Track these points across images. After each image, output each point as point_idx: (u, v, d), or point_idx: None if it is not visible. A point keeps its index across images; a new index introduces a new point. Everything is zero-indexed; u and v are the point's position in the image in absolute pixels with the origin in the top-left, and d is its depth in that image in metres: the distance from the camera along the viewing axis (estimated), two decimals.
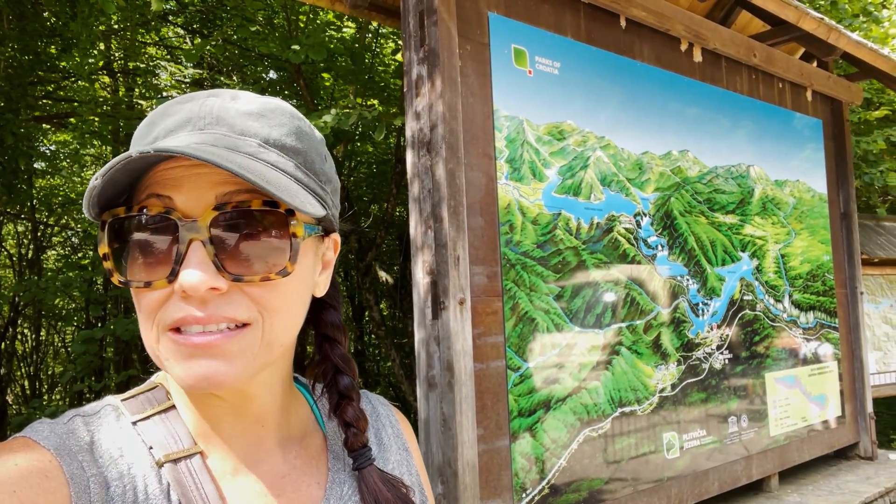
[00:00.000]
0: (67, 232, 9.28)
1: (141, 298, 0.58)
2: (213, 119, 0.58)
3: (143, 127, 0.61)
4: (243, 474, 0.65)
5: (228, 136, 0.58)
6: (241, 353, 0.58)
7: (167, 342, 0.57)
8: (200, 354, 0.56)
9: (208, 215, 0.56)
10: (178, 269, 0.55)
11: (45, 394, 9.79)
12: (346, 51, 5.87)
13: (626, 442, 3.21)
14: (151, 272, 0.56)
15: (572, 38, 3.21)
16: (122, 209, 0.57)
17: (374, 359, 9.89)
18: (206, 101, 0.60)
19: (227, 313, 0.57)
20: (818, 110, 4.83)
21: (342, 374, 0.74)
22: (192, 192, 0.57)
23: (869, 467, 4.63)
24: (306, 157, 0.63)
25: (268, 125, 0.60)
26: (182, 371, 0.57)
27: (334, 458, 0.73)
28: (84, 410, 0.64)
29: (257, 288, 0.58)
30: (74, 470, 0.56)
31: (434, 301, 2.58)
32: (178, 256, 0.55)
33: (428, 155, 2.64)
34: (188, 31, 7.23)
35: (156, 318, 0.57)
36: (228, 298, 0.57)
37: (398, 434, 0.81)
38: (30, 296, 5.80)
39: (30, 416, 5.20)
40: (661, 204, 3.58)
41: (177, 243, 0.56)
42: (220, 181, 0.57)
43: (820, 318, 4.60)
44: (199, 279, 0.54)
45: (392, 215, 6.79)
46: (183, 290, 0.55)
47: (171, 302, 0.56)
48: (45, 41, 6.13)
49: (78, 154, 8.12)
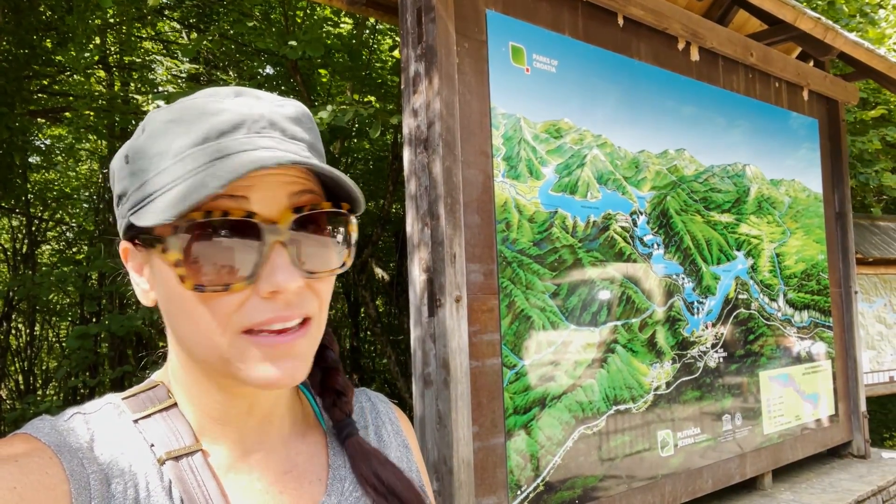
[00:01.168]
0: (62, 227, 9.25)
1: (214, 302, 0.57)
2: (266, 123, 0.60)
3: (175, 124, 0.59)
4: (246, 471, 0.66)
5: (284, 140, 0.60)
6: (309, 349, 0.61)
7: (244, 344, 0.58)
8: (283, 355, 0.58)
9: (287, 217, 0.58)
10: (260, 271, 0.57)
11: (40, 389, 9.76)
12: (343, 47, 5.86)
13: (621, 440, 3.22)
14: (230, 275, 0.57)
15: (570, 36, 3.21)
16: (198, 213, 0.55)
17: (370, 356, 9.89)
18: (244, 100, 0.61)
19: (303, 310, 0.59)
20: (814, 110, 4.84)
21: (327, 348, 0.76)
22: (266, 193, 0.58)
23: (862, 466, 4.66)
24: (325, 158, 0.66)
25: (304, 129, 0.63)
26: (263, 371, 0.58)
27: (335, 455, 0.73)
28: (84, 408, 0.64)
29: (321, 283, 0.61)
30: (75, 467, 0.56)
31: (430, 298, 2.58)
32: (260, 259, 0.57)
33: (425, 152, 2.64)
34: (184, 26, 7.20)
35: (230, 321, 0.57)
36: (301, 295, 0.59)
37: (398, 431, 0.82)
38: (24, 291, 5.78)
39: (24, 412, 5.19)
40: (658, 202, 3.59)
41: (259, 246, 0.57)
42: (289, 181, 0.59)
43: (814, 317, 4.62)
44: (292, 281, 0.57)
45: (389, 212, 6.78)
46: (270, 292, 0.57)
47: (251, 303, 0.57)
48: (41, 35, 6.10)
49: (73, 149, 8.08)
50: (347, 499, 0.69)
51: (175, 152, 0.57)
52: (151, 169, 0.59)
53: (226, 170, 0.54)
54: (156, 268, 0.61)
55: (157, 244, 0.59)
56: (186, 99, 0.61)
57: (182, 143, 0.57)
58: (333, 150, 6.37)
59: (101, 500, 0.56)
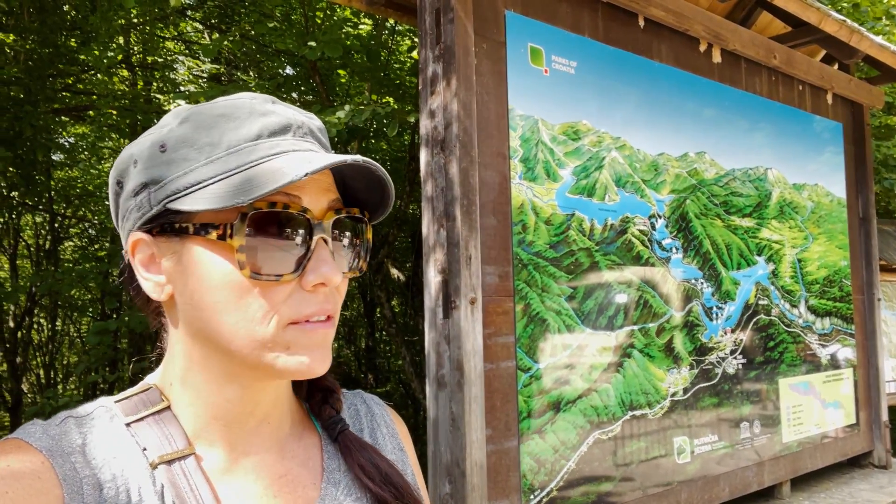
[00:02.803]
0: (84, 224, 9.37)
1: (266, 291, 0.60)
2: (306, 130, 0.65)
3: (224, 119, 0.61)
4: (240, 475, 0.65)
5: (321, 148, 0.65)
6: (332, 341, 0.66)
7: (293, 333, 0.61)
8: (320, 344, 0.62)
9: (330, 217, 0.62)
10: (306, 264, 0.60)
11: (60, 384, 9.90)
12: (362, 48, 5.87)
13: (637, 445, 3.18)
14: (281, 266, 0.60)
15: (590, 37, 3.18)
16: (263, 203, 0.59)
17: (385, 356, 9.91)
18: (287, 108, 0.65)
19: (336, 305, 0.64)
20: (838, 114, 4.76)
21: None
22: (314, 195, 0.62)
23: (883, 476, 4.57)
24: None
25: (324, 136, 0.69)
26: (310, 357, 0.62)
27: (329, 458, 0.73)
28: (76, 412, 0.63)
29: (344, 283, 0.66)
30: (67, 471, 0.56)
31: (445, 300, 2.57)
32: (308, 253, 0.61)
33: (442, 153, 2.63)
34: (206, 27, 7.27)
35: (279, 311, 0.60)
36: (332, 292, 0.64)
37: (393, 434, 0.81)
38: (46, 286, 5.86)
39: (44, 406, 5.26)
40: (677, 206, 3.55)
41: (307, 241, 0.61)
42: (329, 188, 0.64)
43: (836, 324, 4.54)
44: (335, 274, 0.61)
45: (405, 213, 6.79)
46: (316, 284, 0.61)
47: (297, 295, 0.61)
48: (65, 34, 6.18)
49: (96, 147, 8.19)
50: (342, 503, 0.69)
51: (228, 144, 0.60)
52: (202, 158, 0.60)
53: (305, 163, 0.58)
54: (190, 257, 0.61)
55: (205, 231, 0.59)
56: (228, 98, 0.64)
57: (235, 137, 0.60)
58: (351, 149, 6.39)
59: None
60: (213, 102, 0.64)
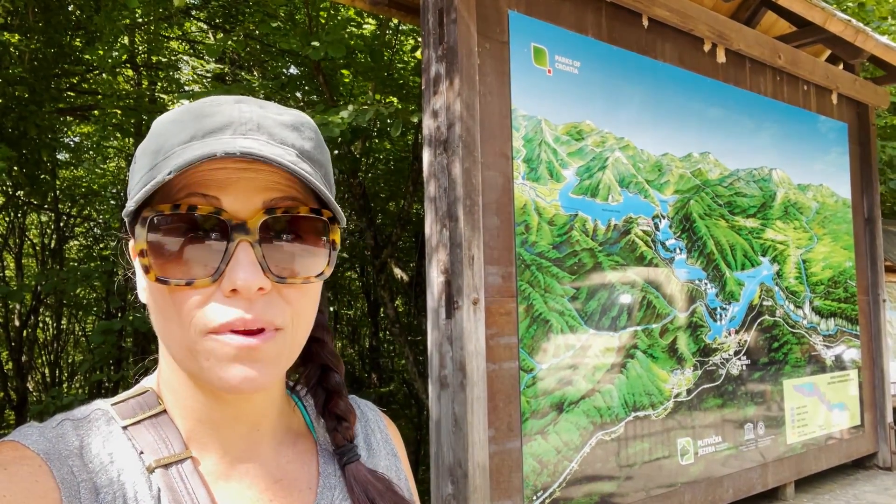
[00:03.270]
0: (89, 223, 9.41)
1: (179, 299, 0.58)
2: (253, 126, 0.59)
3: (173, 123, 0.60)
4: (236, 479, 0.65)
5: (270, 143, 0.59)
6: (277, 356, 0.59)
7: (208, 344, 0.57)
8: (245, 357, 0.57)
9: (258, 218, 0.57)
10: (224, 268, 0.56)
11: (65, 382, 9.94)
12: (365, 48, 5.87)
13: (640, 446, 3.18)
14: (194, 271, 0.56)
15: (593, 37, 3.18)
16: (166, 206, 0.57)
17: (389, 356, 9.91)
18: (241, 106, 0.61)
19: (269, 316, 0.57)
20: (843, 114, 4.74)
21: (331, 370, 0.75)
22: (239, 194, 0.58)
23: (887, 478, 4.55)
24: (326, 170, 0.65)
25: (301, 137, 0.62)
26: (225, 373, 0.57)
27: (325, 463, 0.73)
28: (73, 414, 0.63)
29: (294, 291, 0.60)
30: (65, 475, 0.56)
31: (448, 300, 2.57)
32: (225, 256, 0.56)
33: (444, 153, 2.63)
34: (210, 26, 7.28)
35: (194, 318, 0.57)
36: (269, 300, 0.58)
37: (387, 439, 0.81)
38: (51, 285, 5.88)
39: (48, 405, 5.28)
40: (681, 206, 3.53)
41: (225, 243, 0.56)
42: (267, 186, 0.59)
43: (841, 325, 4.53)
44: (251, 278, 0.55)
45: (409, 213, 6.79)
46: (231, 290, 0.56)
47: (214, 303, 0.57)
48: (70, 34, 6.20)
49: (100, 146, 8.22)
50: None
51: (166, 150, 0.58)
52: (147, 166, 0.60)
53: (182, 159, 0.54)
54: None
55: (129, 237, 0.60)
56: (192, 103, 0.63)
57: (173, 142, 0.59)
58: (355, 150, 6.40)
59: None
60: (177, 108, 0.63)
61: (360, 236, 6.86)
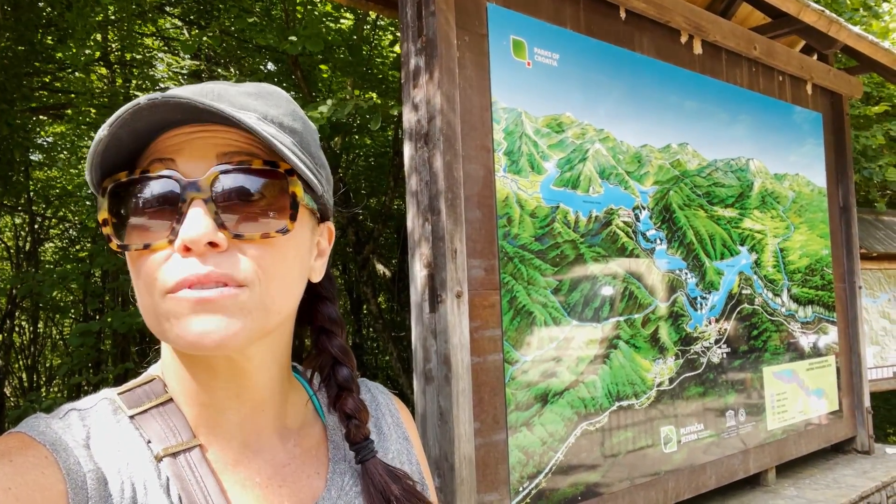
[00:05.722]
0: (65, 224, 9.26)
1: (140, 263, 0.58)
2: (214, 96, 0.59)
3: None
4: (244, 465, 0.65)
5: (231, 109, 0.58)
6: (239, 310, 0.57)
7: (168, 304, 0.56)
8: (201, 310, 0.55)
9: (211, 176, 0.57)
10: (178, 227, 0.55)
11: (43, 386, 9.78)
12: (343, 42, 5.84)
13: (624, 436, 3.20)
14: (152, 234, 0.57)
15: (572, 29, 3.18)
16: (123, 174, 0.57)
17: (373, 352, 9.90)
18: (204, 83, 0.61)
19: (226, 270, 0.56)
20: (818, 104, 4.81)
21: (341, 365, 0.73)
22: (193, 153, 0.57)
23: (866, 461, 4.64)
24: (302, 137, 0.63)
25: (265, 104, 0.62)
26: (181, 329, 0.56)
27: (334, 449, 0.72)
28: (80, 405, 0.63)
29: (257, 248, 0.58)
30: (71, 465, 0.55)
31: (431, 294, 2.57)
32: (179, 216, 0.56)
33: (426, 147, 2.62)
34: (185, 22, 7.18)
35: (155, 281, 0.57)
36: (228, 256, 0.57)
37: (398, 423, 0.81)
38: (27, 288, 5.78)
39: (27, 409, 5.19)
40: (660, 197, 3.56)
41: (178, 203, 0.56)
42: (222, 144, 0.58)
43: (818, 312, 4.60)
44: (199, 232, 0.55)
45: (390, 208, 6.77)
46: (183, 247, 0.55)
47: (170, 262, 0.56)
48: (41, 31, 6.08)
49: (75, 146, 8.08)
50: (348, 493, 0.69)
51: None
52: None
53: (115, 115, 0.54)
54: None
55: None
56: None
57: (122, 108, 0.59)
58: (334, 145, 6.36)
59: (98, 500, 0.55)
60: None
61: (342, 233, 6.82)
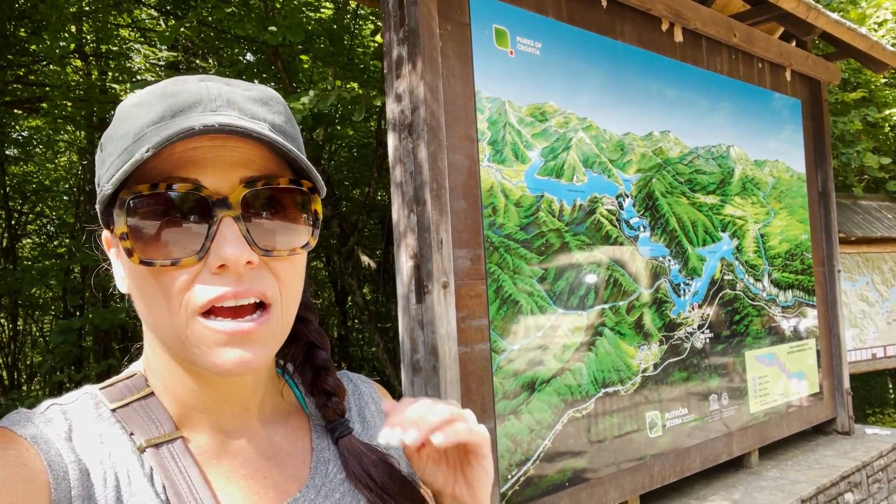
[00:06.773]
0: (42, 220, 9.11)
1: (165, 279, 0.57)
2: (223, 102, 0.59)
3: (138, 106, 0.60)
4: (228, 458, 0.65)
5: (242, 118, 0.59)
6: (269, 336, 0.60)
7: (199, 328, 0.57)
8: (238, 342, 0.57)
9: (239, 192, 0.57)
10: (210, 245, 0.56)
11: (25, 384, 9.66)
12: (324, 32, 5.79)
13: (610, 422, 3.24)
14: (179, 250, 0.56)
15: (553, 17, 3.18)
16: (144, 186, 0.56)
17: (358, 344, 9.89)
18: (207, 84, 0.61)
19: (259, 287, 0.58)
20: (797, 90, 4.86)
21: (317, 348, 0.76)
22: (217, 171, 0.58)
23: (846, 442, 4.73)
24: (297, 143, 0.65)
25: (271, 112, 0.63)
26: (218, 358, 0.57)
27: (318, 439, 0.73)
28: (61, 400, 0.63)
29: (281, 263, 0.61)
30: (52, 457, 0.56)
31: (418, 285, 2.57)
32: (209, 233, 0.56)
33: (409, 137, 2.61)
34: (162, 13, 7.07)
35: (183, 299, 0.57)
36: (258, 274, 0.58)
37: (381, 410, 0.82)
38: (6, 285, 5.69)
39: (8, 407, 5.13)
40: (643, 185, 3.58)
41: (208, 220, 0.56)
42: (244, 162, 0.59)
43: (798, 296, 4.67)
44: (239, 252, 0.56)
45: (374, 199, 6.75)
46: (220, 266, 0.56)
47: (202, 281, 0.57)
48: (14, 23, 5.96)
49: (51, 140, 7.94)
50: (332, 481, 0.70)
51: (134, 133, 0.58)
52: (117, 151, 0.59)
53: (159, 137, 0.54)
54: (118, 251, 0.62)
55: (107, 224, 0.60)
56: (154, 85, 0.62)
57: (141, 124, 0.58)
58: (317, 136, 6.31)
59: (81, 490, 0.56)
60: (140, 90, 0.63)
61: (326, 225, 6.79)
